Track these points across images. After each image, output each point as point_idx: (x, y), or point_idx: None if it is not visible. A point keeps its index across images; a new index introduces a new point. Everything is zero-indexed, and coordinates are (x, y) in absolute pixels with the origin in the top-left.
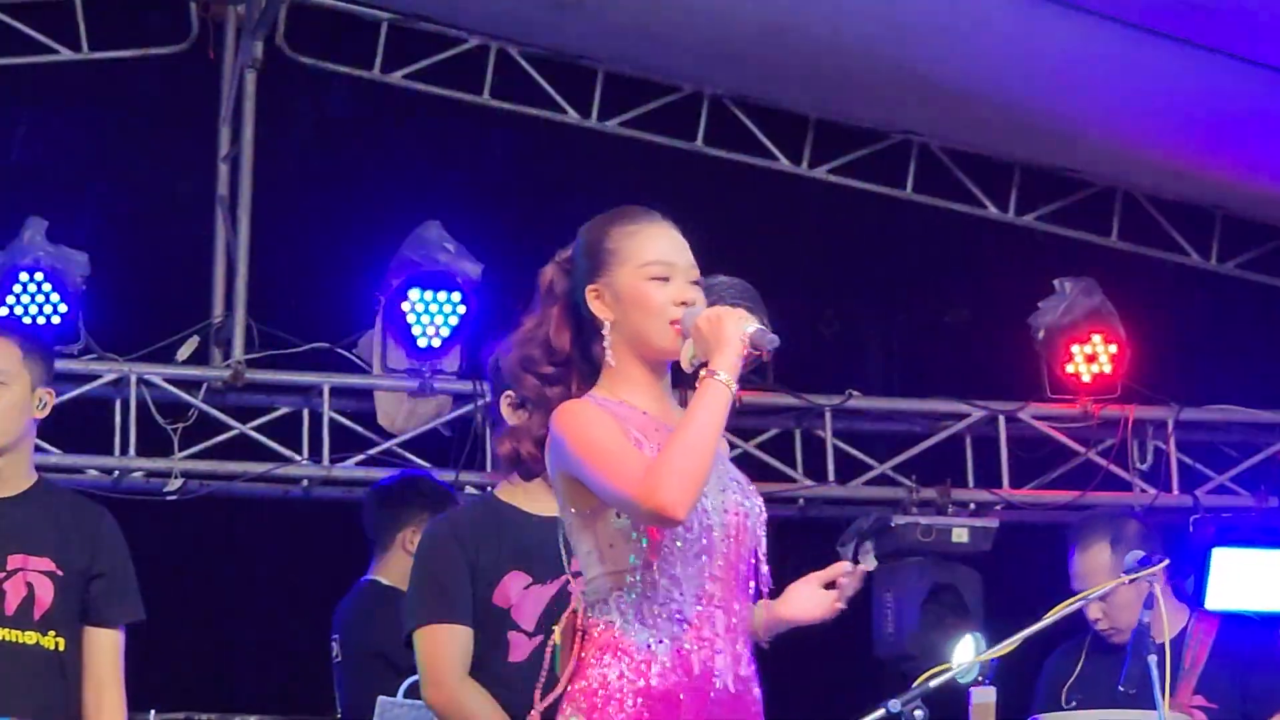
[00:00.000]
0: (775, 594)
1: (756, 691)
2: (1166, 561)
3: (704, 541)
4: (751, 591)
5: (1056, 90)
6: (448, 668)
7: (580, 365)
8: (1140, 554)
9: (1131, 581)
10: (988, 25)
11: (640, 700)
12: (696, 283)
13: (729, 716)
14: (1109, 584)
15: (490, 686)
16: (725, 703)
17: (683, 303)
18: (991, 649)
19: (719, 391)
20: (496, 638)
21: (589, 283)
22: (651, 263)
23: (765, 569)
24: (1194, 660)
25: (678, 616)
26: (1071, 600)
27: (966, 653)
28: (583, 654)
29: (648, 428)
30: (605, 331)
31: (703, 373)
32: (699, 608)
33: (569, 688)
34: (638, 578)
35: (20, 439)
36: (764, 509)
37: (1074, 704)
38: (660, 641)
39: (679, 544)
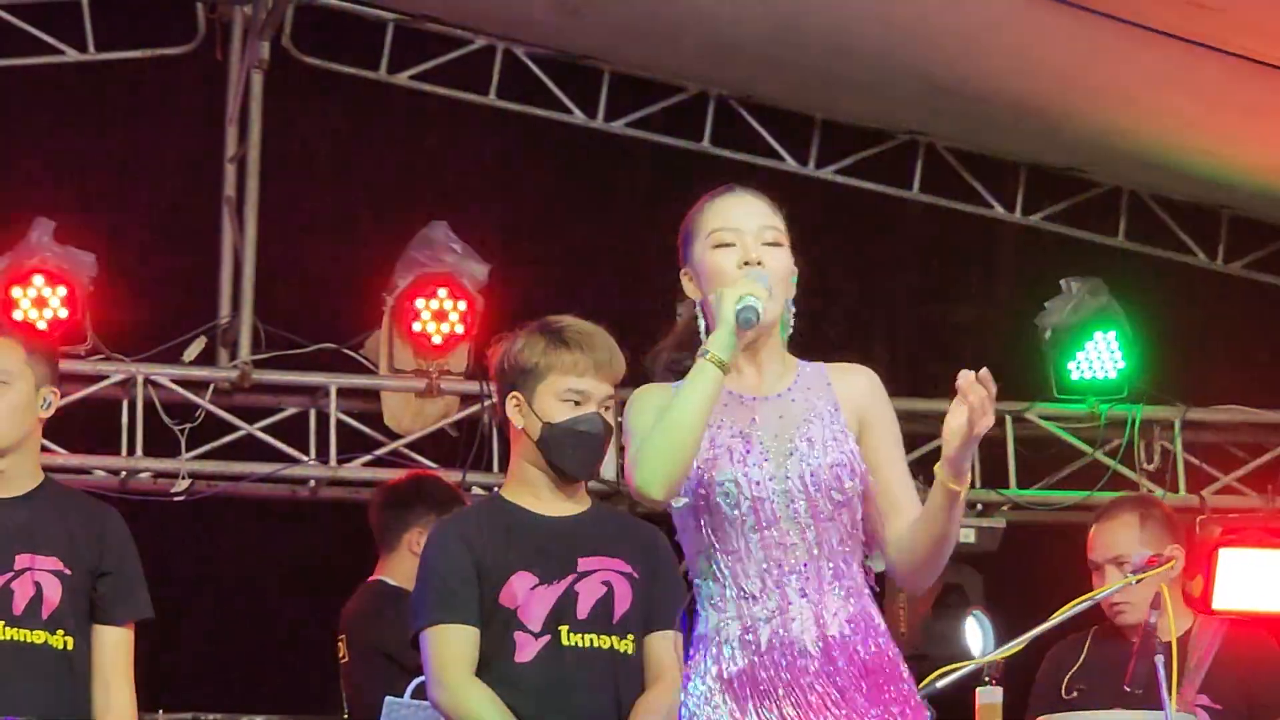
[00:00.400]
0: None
1: (857, 641)
2: (1174, 561)
3: (756, 514)
4: (847, 543)
5: (1062, 90)
6: (454, 668)
7: None
8: (1148, 552)
9: (1139, 581)
10: (993, 25)
11: (713, 683)
12: (776, 243)
13: (818, 678)
14: (1116, 584)
15: (496, 687)
16: (810, 667)
17: (746, 263)
18: (999, 649)
19: (703, 371)
20: (503, 638)
21: (682, 269)
22: (714, 230)
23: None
24: (1199, 660)
25: (743, 593)
26: (1079, 600)
27: (974, 637)
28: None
29: (734, 412)
30: (698, 311)
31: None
32: (766, 580)
33: None
34: (704, 562)
35: (24, 439)
36: (842, 464)
37: (1075, 694)
38: (728, 623)
39: (729, 522)
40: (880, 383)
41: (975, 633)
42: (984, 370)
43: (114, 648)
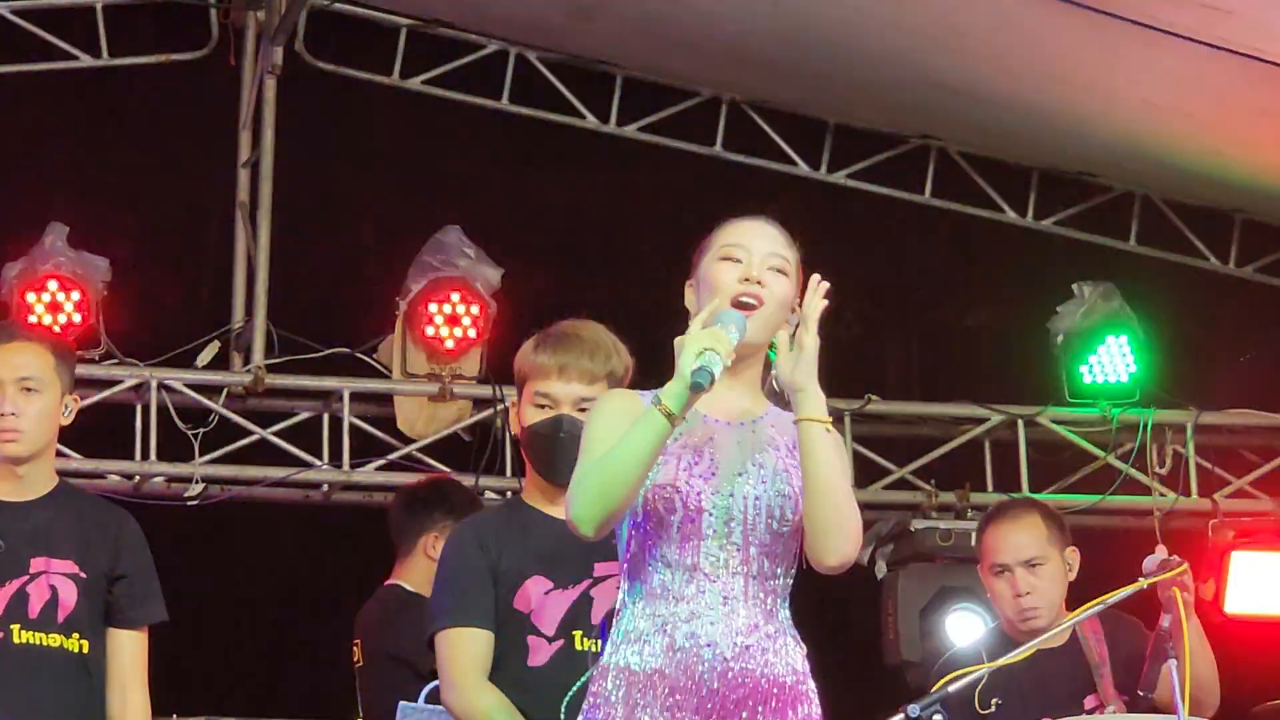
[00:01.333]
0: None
1: (768, 660)
2: (1185, 566)
3: (692, 524)
4: (775, 574)
5: (1074, 93)
6: (467, 671)
7: None
8: (1161, 555)
9: (1150, 585)
10: (1005, 29)
11: (624, 677)
12: (781, 271)
13: (721, 682)
14: (1128, 588)
15: (509, 690)
16: (718, 671)
17: (746, 279)
18: (1007, 655)
19: (651, 420)
20: (516, 641)
21: (688, 281)
22: (726, 245)
23: (791, 552)
24: (1100, 658)
25: (668, 593)
26: (1088, 606)
27: (962, 630)
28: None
29: (692, 425)
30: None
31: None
32: (689, 587)
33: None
34: (635, 562)
35: (49, 445)
36: (786, 495)
37: (994, 707)
38: (648, 618)
39: (664, 527)
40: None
41: (965, 626)
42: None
43: (129, 652)
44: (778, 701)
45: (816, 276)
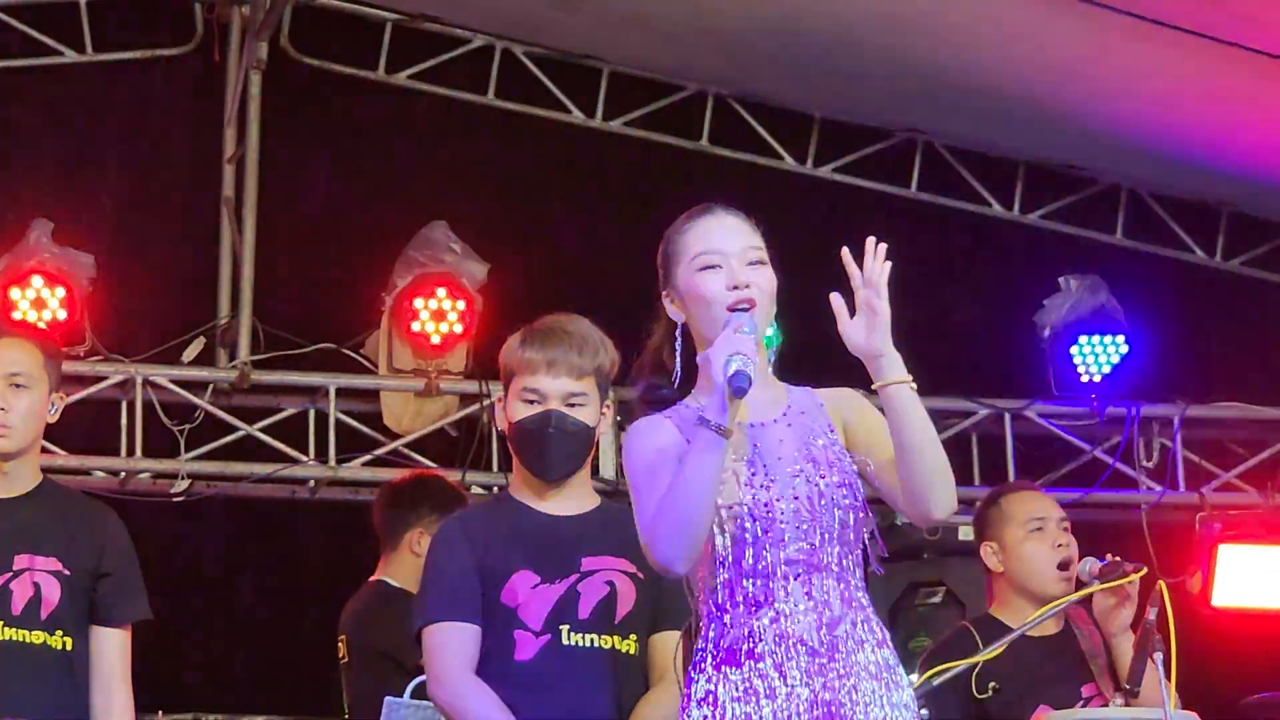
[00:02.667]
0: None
1: (849, 648)
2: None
3: (766, 534)
4: (849, 558)
5: (1061, 85)
6: (453, 666)
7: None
8: (1093, 560)
9: (1108, 588)
10: (991, 20)
11: (714, 684)
12: (759, 262)
13: (814, 672)
14: (1083, 591)
15: (496, 685)
16: (811, 655)
17: (734, 286)
18: (988, 649)
19: (707, 442)
20: (503, 636)
21: (663, 290)
22: (698, 254)
23: (871, 536)
24: (1095, 648)
25: (749, 602)
26: (1060, 601)
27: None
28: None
29: (734, 437)
30: (677, 334)
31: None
32: (770, 591)
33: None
34: (710, 579)
35: (35, 442)
36: (845, 483)
37: (992, 689)
38: (730, 631)
39: (736, 543)
40: (862, 396)
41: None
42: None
43: (113, 649)
44: (874, 688)
45: (871, 240)
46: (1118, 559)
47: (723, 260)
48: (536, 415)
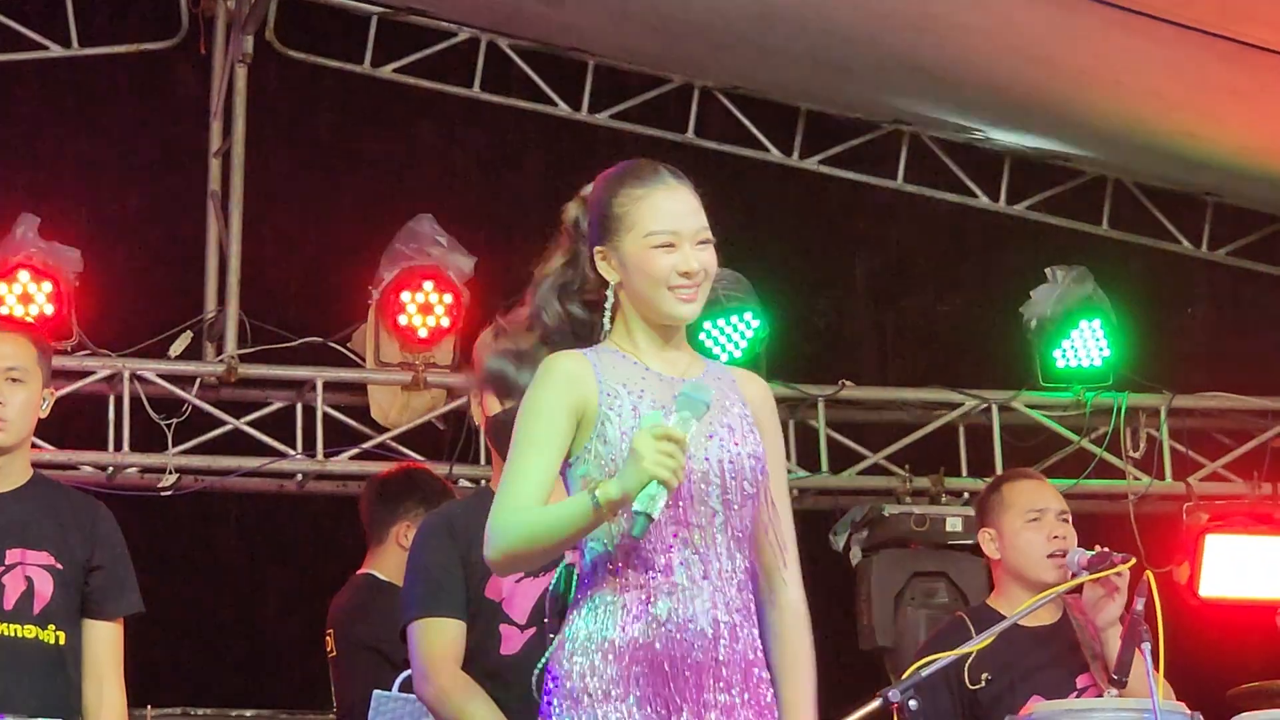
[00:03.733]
0: None
1: (745, 631)
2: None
3: (675, 493)
4: (745, 534)
5: (1046, 77)
6: (440, 661)
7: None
8: (1080, 550)
9: (1097, 579)
10: (977, 11)
11: (606, 650)
12: (707, 242)
13: (707, 658)
14: (1074, 581)
15: (482, 679)
16: (703, 645)
17: (686, 273)
18: (976, 640)
19: (584, 509)
20: (489, 630)
21: (597, 243)
22: (655, 232)
23: (773, 511)
24: (1092, 638)
25: (648, 565)
26: (1047, 592)
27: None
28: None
29: (643, 381)
30: (609, 291)
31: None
32: (672, 556)
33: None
34: (609, 528)
35: (28, 436)
36: (756, 454)
37: (985, 679)
38: (627, 590)
39: None
40: (773, 398)
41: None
42: None
43: (105, 643)
44: (755, 678)
45: None
46: (1106, 550)
47: (676, 240)
48: (512, 409)
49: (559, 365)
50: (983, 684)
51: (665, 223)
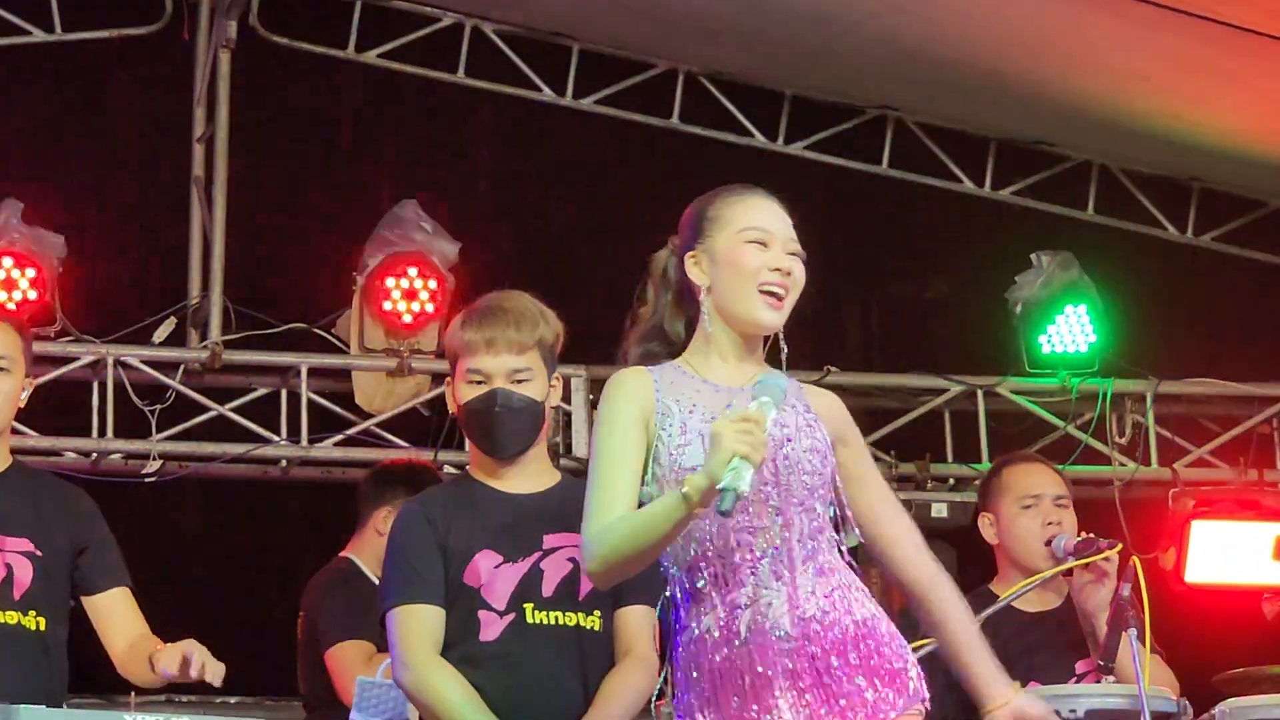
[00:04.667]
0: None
1: (829, 622)
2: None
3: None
4: (818, 524)
5: (1031, 62)
6: (418, 648)
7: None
8: (1067, 535)
9: (1087, 565)
10: None
11: (698, 674)
12: (795, 254)
13: (796, 659)
14: (1061, 566)
15: (461, 666)
16: (789, 649)
17: (777, 269)
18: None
19: (677, 507)
20: (468, 617)
21: (689, 250)
22: (750, 228)
23: (844, 502)
24: (1091, 629)
25: (719, 579)
26: (1031, 579)
27: None
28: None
29: (697, 395)
30: (701, 297)
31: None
32: (741, 564)
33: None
34: (678, 549)
35: (8, 425)
36: (815, 450)
37: None
38: (707, 612)
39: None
40: (845, 408)
41: None
42: None
43: (131, 606)
44: (856, 654)
45: None
46: (1092, 536)
47: (770, 240)
48: (483, 396)
49: (623, 379)
50: None
51: (760, 221)
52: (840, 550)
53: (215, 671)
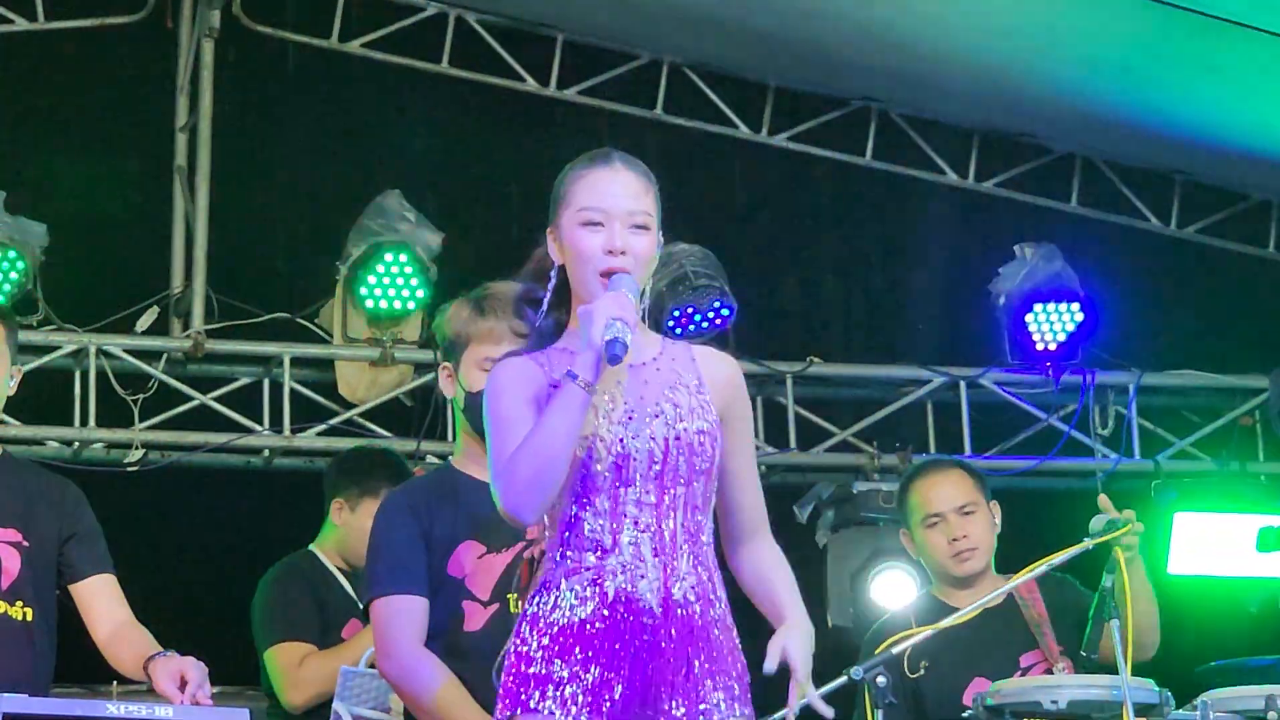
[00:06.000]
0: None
1: (697, 608)
2: (1138, 526)
3: (617, 470)
4: (700, 511)
5: (1014, 54)
6: (401, 638)
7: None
8: (1106, 516)
9: (1096, 546)
10: None
11: (553, 632)
12: (642, 227)
13: (658, 637)
14: (1073, 549)
15: (445, 656)
16: (653, 627)
17: (610, 251)
18: (952, 617)
19: (571, 395)
20: (451, 607)
21: (549, 226)
22: (585, 208)
23: (741, 483)
24: (1040, 615)
25: (597, 545)
26: (1034, 566)
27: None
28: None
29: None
30: (553, 275)
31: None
32: (620, 536)
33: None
34: (558, 514)
35: None
36: (705, 431)
37: (924, 667)
38: (577, 573)
39: (590, 476)
40: (742, 377)
41: (894, 586)
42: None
43: (115, 592)
44: (715, 650)
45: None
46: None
47: (605, 220)
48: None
49: (507, 367)
50: (921, 672)
51: (594, 199)
52: (711, 546)
53: (204, 696)
